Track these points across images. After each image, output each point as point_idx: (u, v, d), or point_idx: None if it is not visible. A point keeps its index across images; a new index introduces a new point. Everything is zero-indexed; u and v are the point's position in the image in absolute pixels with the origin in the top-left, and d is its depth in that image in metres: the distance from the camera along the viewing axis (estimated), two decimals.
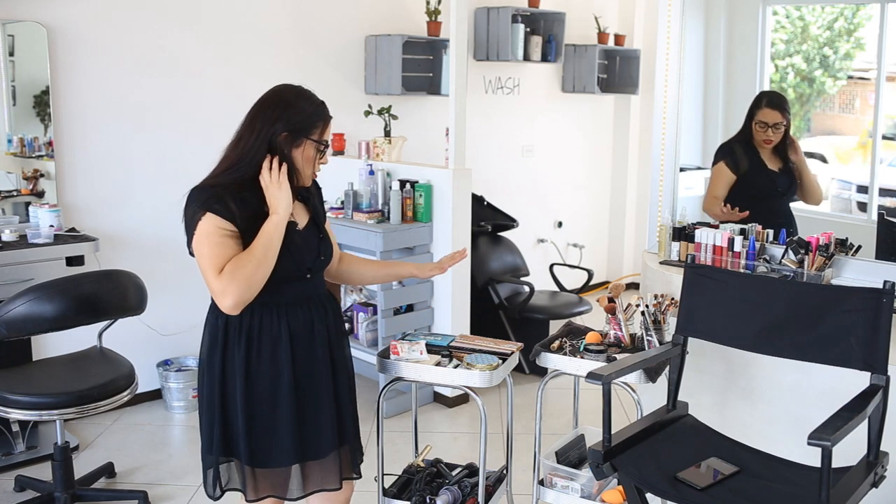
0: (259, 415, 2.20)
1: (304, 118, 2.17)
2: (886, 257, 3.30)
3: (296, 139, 2.17)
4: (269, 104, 2.18)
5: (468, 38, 5.26)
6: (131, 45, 4.14)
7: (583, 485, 2.69)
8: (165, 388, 4.33)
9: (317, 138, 2.20)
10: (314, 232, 2.30)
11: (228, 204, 2.10)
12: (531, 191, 6.16)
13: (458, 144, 4.20)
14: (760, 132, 3.76)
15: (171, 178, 4.35)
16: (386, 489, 2.72)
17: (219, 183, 2.14)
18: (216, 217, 2.09)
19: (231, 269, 2.07)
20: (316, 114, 2.20)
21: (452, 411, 4.42)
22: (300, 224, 2.26)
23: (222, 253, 2.09)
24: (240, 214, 2.10)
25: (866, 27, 4.45)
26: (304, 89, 2.24)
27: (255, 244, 2.10)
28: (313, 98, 2.23)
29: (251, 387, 2.18)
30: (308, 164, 2.21)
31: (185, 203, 2.15)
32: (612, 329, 2.82)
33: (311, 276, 2.27)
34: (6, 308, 2.94)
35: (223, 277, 2.07)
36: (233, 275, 2.07)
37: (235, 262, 2.08)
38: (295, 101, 2.19)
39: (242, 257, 2.08)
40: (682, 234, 3.49)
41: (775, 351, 2.52)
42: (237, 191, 2.13)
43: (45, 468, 3.41)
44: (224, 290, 2.07)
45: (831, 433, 1.93)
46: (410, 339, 2.72)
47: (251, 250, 2.09)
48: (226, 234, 2.09)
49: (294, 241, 2.20)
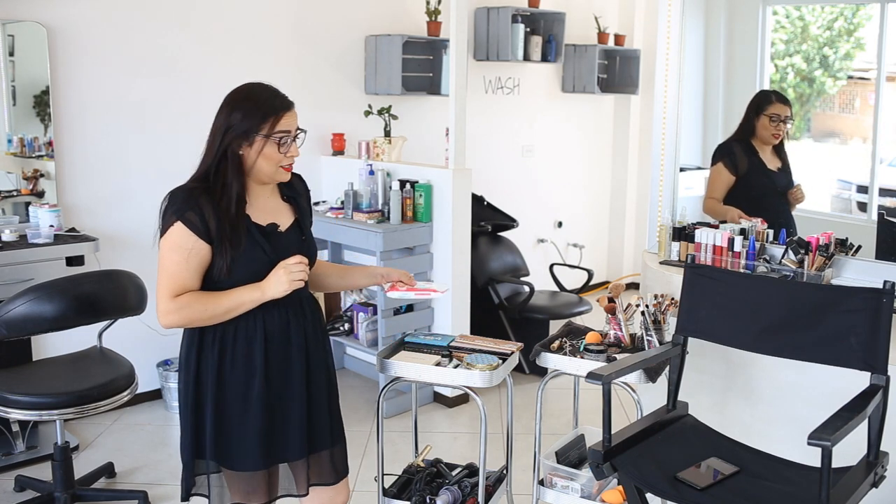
0: (229, 415, 2.17)
1: (248, 116, 2.09)
2: (886, 257, 3.30)
3: (246, 139, 2.10)
4: (219, 111, 2.15)
5: (468, 38, 5.26)
6: (131, 45, 4.14)
7: (583, 485, 2.69)
8: (165, 388, 4.33)
9: (266, 132, 2.10)
10: (297, 234, 2.25)
11: (204, 213, 2.06)
12: (531, 191, 6.16)
13: (458, 144, 4.20)
14: (772, 127, 3.80)
15: (171, 178, 4.31)
16: (386, 489, 2.72)
17: (196, 187, 2.12)
18: (186, 230, 2.06)
19: (185, 303, 2.07)
20: (261, 109, 2.10)
21: (452, 411, 4.42)
22: (282, 226, 2.22)
23: (181, 276, 2.07)
24: (214, 224, 2.07)
25: (866, 27, 4.45)
26: (253, 85, 2.17)
27: (222, 300, 2.08)
28: (261, 93, 2.14)
29: (223, 387, 2.16)
30: (269, 160, 2.13)
31: (164, 204, 2.13)
32: (612, 329, 2.82)
33: None
34: (6, 308, 2.94)
35: (174, 303, 2.07)
36: (184, 309, 2.07)
37: (192, 299, 2.07)
38: (238, 102, 2.13)
39: (202, 300, 2.08)
40: (682, 234, 3.49)
41: (775, 351, 2.52)
42: (213, 197, 2.09)
43: (45, 468, 3.41)
44: (168, 314, 2.08)
45: (831, 433, 1.93)
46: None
47: (215, 301, 2.08)
48: (190, 252, 2.06)
49: (274, 244, 2.16)
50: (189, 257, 2.07)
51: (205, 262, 2.09)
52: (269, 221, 2.19)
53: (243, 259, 2.10)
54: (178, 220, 2.06)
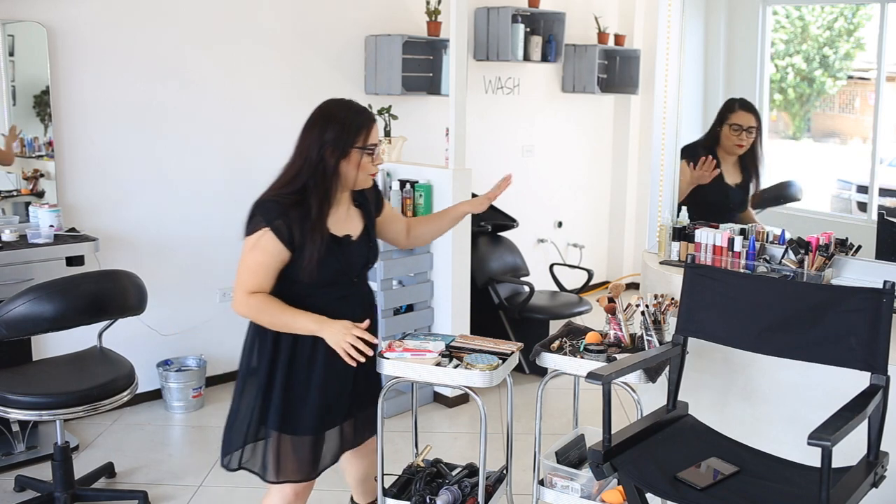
0: (295, 384, 2.39)
1: (345, 130, 2.31)
2: (886, 257, 3.30)
3: (342, 151, 2.31)
4: (312, 123, 2.34)
5: (468, 38, 5.26)
6: (131, 46, 4.14)
7: (583, 485, 2.69)
8: (165, 388, 4.33)
9: (361, 145, 2.33)
10: (365, 241, 2.48)
11: (291, 223, 2.28)
12: (531, 191, 6.16)
13: (458, 144, 4.20)
14: (734, 136, 3.69)
15: (171, 178, 4.35)
16: (386, 489, 2.72)
17: (281, 194, 2.31)
18: (273, 237, 2.28)
19: (255, 305, 2.31)
20: (356, 122, 2.33)
21: (452, 411, 4.42)
22: (354, 235, 2.44)
23: (259, 276, 2.31)
24: (298, 234, 2.28)
25: (866, 27, 4.45)
26: (345, 101, 2.39)
27: (284, 317, 2.31)
28: (354, 107, 2.37)
29: (294, 359, 2.38)
30: (361, 169, 2.36)
31: (249, 214, 2.32)
32: (612, 329, 2.82)
33: (357, 279, 2.49)
34: (6, 308, 2.94)
35: (247, 299, 2.32)
36: (253, 309, 2.32)
37: (263, 305, 2.31)
38: (335, 115, 2.33)
39: (269, 310, 2.32)
40: (682, 234, 3.49)
41: (775, 351, 2.52)
42: (297, 205, 2.29)
43: (45, 468, 3.41)
44: (240, 306, 2.34)
45: (831, 433, 1.93)
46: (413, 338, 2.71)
47: (279, 314, 2.32)
48: (272, 257, 2.29)
49: (346, 254, 2.39)
50: (270, 261, 2.30)
51: (283, 265, 2.33)
52: (344, 232, 2.41)
53: (318, 266, 2.32)
54: (267, 227, 2.27)
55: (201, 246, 4.49)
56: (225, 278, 4.58)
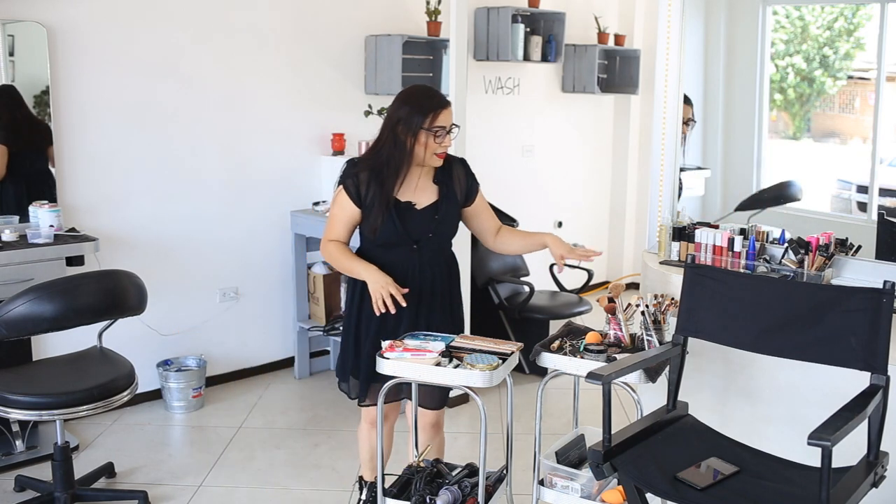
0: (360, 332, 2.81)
1: (415, 111, 2.63)
2: (886, 257, 3.30)
3: (411, 129, 2.63)
4: (394, 103, 2.70)
5: (468, 38, 5.25)
6: (131, 45, 4.14)
7: (583, 485, 2.69)
8: (165, 388, 4.33)
9: (427, 126, 2.62)
10: (431, 213, 2.76)
11: (360, 184, 2.69)
12: (531, 191, 6.16)
13: (457, 144, 4.20)
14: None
15: (171, 178, 4.35)
16: (386, 489, 2.72)
17: (363, 158, 2.73)
18: (344, 194, 2.71)
19: (330, 250, 2.77)
20: (425, 106, 2.63)
21: (452, 411, 4.42)
22: (419, 205, 2.74)
23: (336, 226, 2.77)
24: (367, 195, 2.68)
25: (866, 27, 4.45)
26: (423, 87, 2.79)
27: (346, 262, 2.74)
28: (428, 92, 2.71)
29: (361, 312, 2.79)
30: (427, 148, 2.66)
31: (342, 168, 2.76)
32: (612, 329, 2.82)
33: (419, 246, 2.75)
34: (6, 308, 2.94)
35: (326, 245, 2.79)
36: (328, 254, 2.78)
37: (336, 250, 2.76)
38: (410, 98, 2.68)
39: (336, 256, 2.76)
40: (682, 234, 3.49)
41: (775, 351, 2.52)
42: (376, 170, 2.67)
43: (45, 468, 3.41)
44: (322, 249, 2.83)
45: (831, 433, 1.93)
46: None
47: (344, 260, 2.75)
48: (344, 210, 2.73)
49: (405, 219, 2.71)
50: (342, 215, 2.75)
51: (354, 220, 2.75)
52: (408, 199, 2.72)
53: (381, 226, 2.69)
54: (341, 185, 2.72)
55: (201, 246, 4.49)
56: (225, 278, 4.58)
